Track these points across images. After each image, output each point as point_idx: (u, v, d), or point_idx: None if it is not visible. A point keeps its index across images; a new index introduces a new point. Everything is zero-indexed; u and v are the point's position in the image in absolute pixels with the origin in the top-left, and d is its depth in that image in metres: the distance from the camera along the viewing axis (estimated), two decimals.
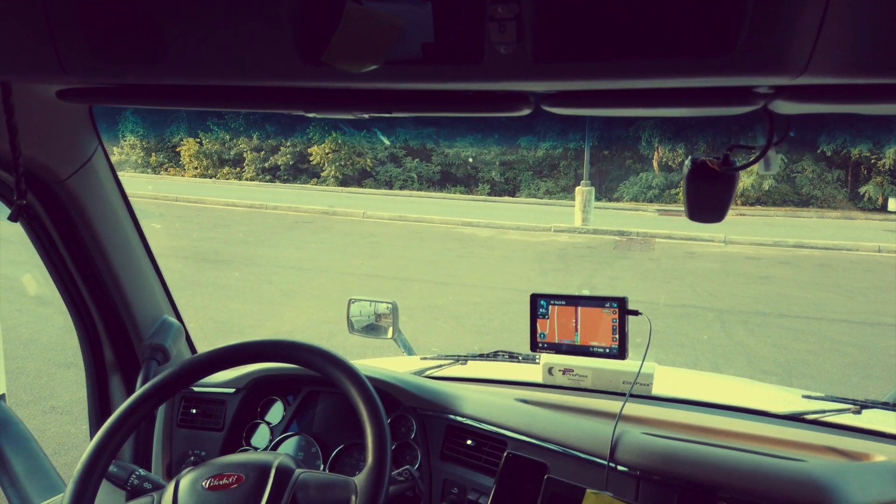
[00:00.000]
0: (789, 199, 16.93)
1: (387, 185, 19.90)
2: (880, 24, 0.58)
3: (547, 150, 17.61)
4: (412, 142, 17.37)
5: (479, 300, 7.66)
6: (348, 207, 15.32)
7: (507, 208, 16.99)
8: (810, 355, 5.83)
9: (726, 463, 1.15)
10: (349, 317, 2.36)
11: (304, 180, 20.39)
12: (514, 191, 19.83)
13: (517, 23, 0.65)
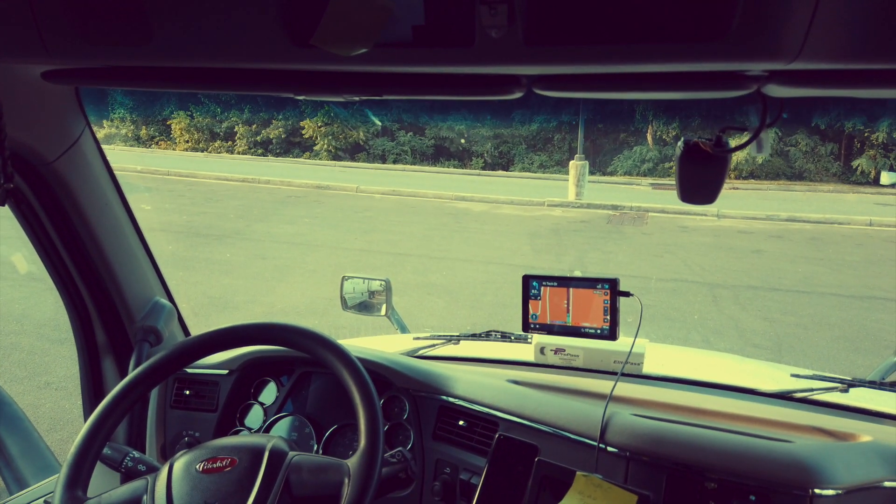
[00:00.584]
0: (782, 172, 16.94)
1: (380, 159, 19.78)
2: (874, 10, 0.57)
3: (541, 125, 17.52)
4: (406, 117, 17.28)
5: (473, 275, 7.67)
6: (341, 182, 15.24)
7: (500, 182, 16.94)
8: (800, 329, 5.89)
9: (714, 444, 1.17)
10: (342, 294, 2.36)
11: (296, 154, 20.24)
12: (507, 165, 19.74)
13: (508, 6, 0.64)
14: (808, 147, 16.65)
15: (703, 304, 6.64)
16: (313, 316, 5.97)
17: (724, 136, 0.99)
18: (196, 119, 20.01)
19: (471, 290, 7.02)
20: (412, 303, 6.45)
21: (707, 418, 1.33)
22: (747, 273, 7.97)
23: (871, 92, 0.74)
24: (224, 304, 6.37)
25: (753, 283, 7.44)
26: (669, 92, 0.80)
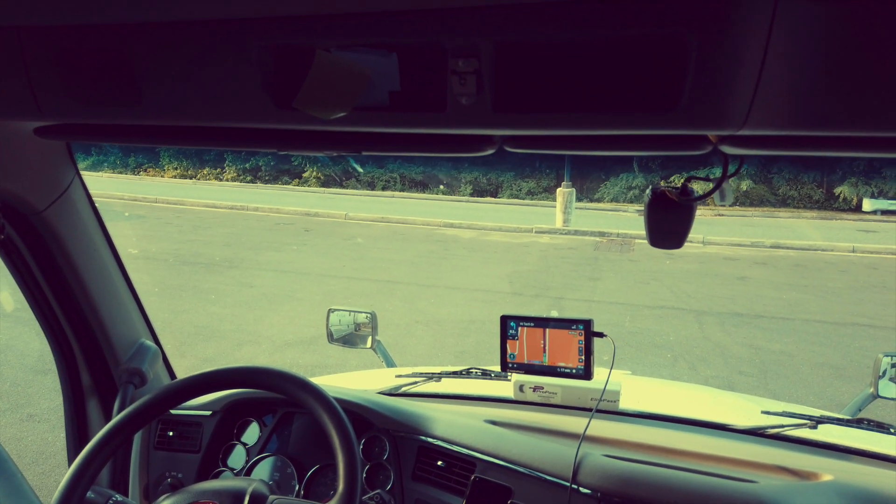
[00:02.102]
0: (767, 199, 17.17)
1: (369, 186, 19.87)
2: (810, 85, 0.62)
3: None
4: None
5: (461, 303, 7.69)
6: (330, 209, 15.28)
7: (489, 209, 17.04)
8: (785, 356, 5.93)
9: (682, 485, 1.20)
10: (328, 327, 2.39)
11: (285, 181, 20.29)
12: (496, 191, 19.88)
13: (476, 76, 0.68)
14: (790, 174, 16.91)
15: (689, 331, 6.68)
16: (301, 346, 5.95)
17: (690, 185, 1.04)
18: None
19: (459, 318, 7.03)
20: (400, 332, 6.45)
21: (678, 458, 1.35)
22: (733, 300, 8.04)
23: (817, 154, 0.79)
24: (210, 333, 6.34)
25: (739, 310, 7.51)
26: (634, 151, 0.84)
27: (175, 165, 20.76)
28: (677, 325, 6.90)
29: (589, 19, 0.62)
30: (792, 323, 7.05)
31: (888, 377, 1.94)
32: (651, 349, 6.07)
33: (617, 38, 0.64)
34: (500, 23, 0.65)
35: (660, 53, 0.63)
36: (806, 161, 16.46)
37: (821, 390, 5.12)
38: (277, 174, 20.45)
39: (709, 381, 5.31)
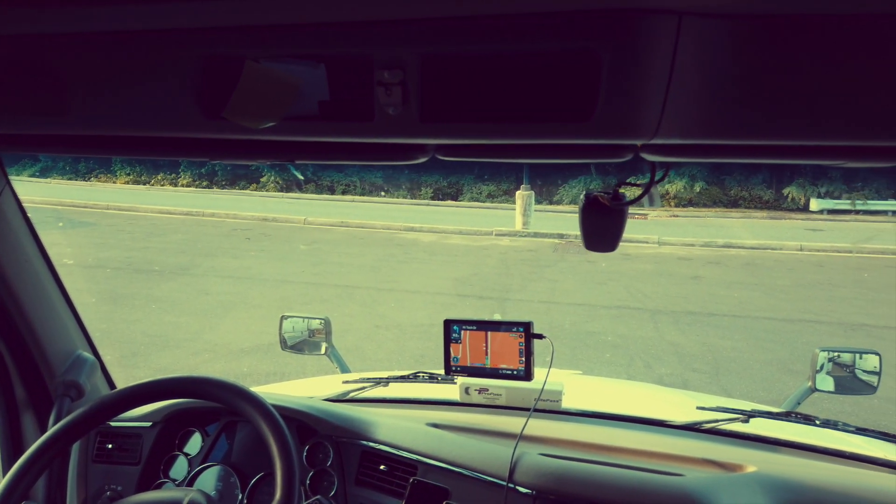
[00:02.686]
0: (719, 200, 17.66)
1: (328, 191, 19.72)
2: (717, 96, 0.65)
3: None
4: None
5: (422, 306, 7.70)
6: (289, 213, 15.12)
7: (450, 212, 17.11)
8: (736, 352, 6.10)
9: (613, 481, 1.24)
10: (281, 334, 2.37)
11: (242, 186, 20.00)
12: (456, 194, 19.96)
13: (402, 87, 0.70)
14: (741, 175, 17.43)
15: (645, 330, 6.81)
16: (258, 353, 5.87)
17: (621, 190, 1.07)
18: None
19: (419, 321, 7.04)
20: (360, 337, 6.42)
21: (614, 455, 1.39)
22: (687, 299, 8.23)
23: (731, 161, 0.82)
24: (165, 342, 6.20)
25: (692, 309, 7.69)
26: (561, 159, 0.86)
27: (127, 171, 20.27)
28: (633, 324, 7.04)
29: (509, 34, 0.64)
30: (743, 320, 7.26)
31: (825, 371, 2.02)
32: (608, 349, 6.18)
33: (536, 51, 0.66)
34: (425, 36, 0.66)
35: (575, 67, 0.66)
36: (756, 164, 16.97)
37: (769, 384, 5.28)
38: (234, 179, 20.15)
39: (663, 379, 5.43)
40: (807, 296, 8.55)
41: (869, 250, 11.82)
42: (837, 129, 0.66)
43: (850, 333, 6.79)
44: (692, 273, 9.96)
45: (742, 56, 0.62)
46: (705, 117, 0.67)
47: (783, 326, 7.02)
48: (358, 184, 19.77)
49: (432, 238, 13.14)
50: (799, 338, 6.57)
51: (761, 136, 0.68)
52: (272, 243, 12.04)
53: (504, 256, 11.33)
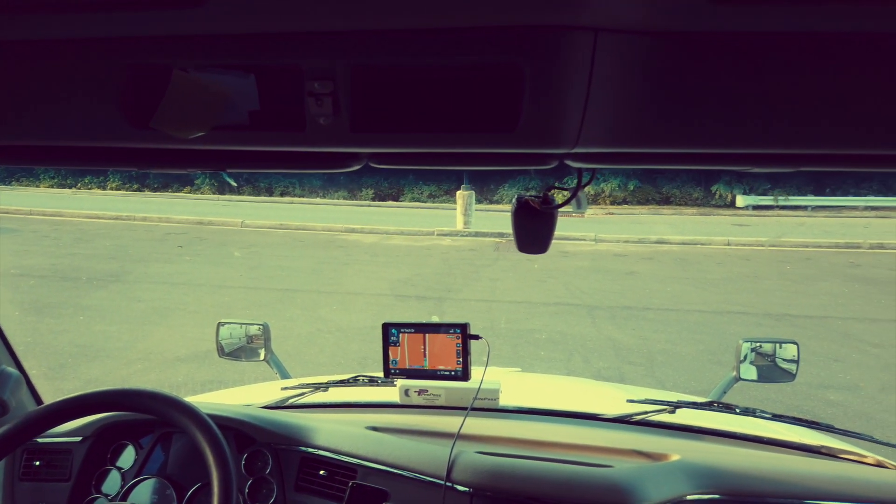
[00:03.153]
0: (652, 198, 18.26)
1: (267, 193, 19.33)
2: (634, 108, 0.69)
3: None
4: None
5: (364, 308, 7.66)
6: (225, 216, 14.76)
7: (391, 213, 17.06)
8: (670, 345, 6.34)
9: (545, 475, 1.28)
10: (218, 341, 2.32)
11: (176, 188, 19.38)
12: (398, 195, 19.92)
13: (333, 98, 0.71)
14: (672, 173, 18.08)
15: (583, 326, 6.99)
16: (195, 361, 5.71)
17: (551, 194, 1.11)
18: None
19: (362, 323, 7.00)
20: (301, 341, 6.33)
21: (548, 449, 1.44)
22: (622, 294, 8.49)
23: (652, 167, 0.87)
24: (96, 352, 5.96)
25: (628, 304, 7.94)
26: (489, 166, 0.89)
27: (52, 175, 19.32)
28: (572, 320, 7.21)
29: (436, 47, 0.66)
30: (676, 314, 7.54)
31: (748, 361, 2.13)
32: (548, 345, 6.30)
33: (462, 64, 0.68)
34: (356, 48, 0.67)
35: (500, 80, 0.68)
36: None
37: (700, 375, 5.51)
38: (167, 182, 19.50)
39: (601, 373, 5.58)
40: (735, 288, 8.95)
41: (791, 244, 12.46)
42: (746, 138, 0.71)
43: (775, 323, 7.15)
44: (627, 269, 10.27)
45: (657, 70, 0.66)
46: (624, 127, 0.71)
47: (713, 318, 7.33)
48: (297, 185, 19.46)
49: (374, 239, 13.08)
50: (728, 329, 6.88)
51: (677, 144, 0.73)
52: (208, 247, 11.72)
53: (446, 256, 11.40)
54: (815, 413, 4.70)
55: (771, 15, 0.60)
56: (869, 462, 1.54)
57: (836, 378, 5.40)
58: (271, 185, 19.19)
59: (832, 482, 1.32)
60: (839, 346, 6.27)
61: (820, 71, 0.64)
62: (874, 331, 6.76)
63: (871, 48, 0.62)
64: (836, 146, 0.71)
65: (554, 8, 0.60)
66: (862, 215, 16.37)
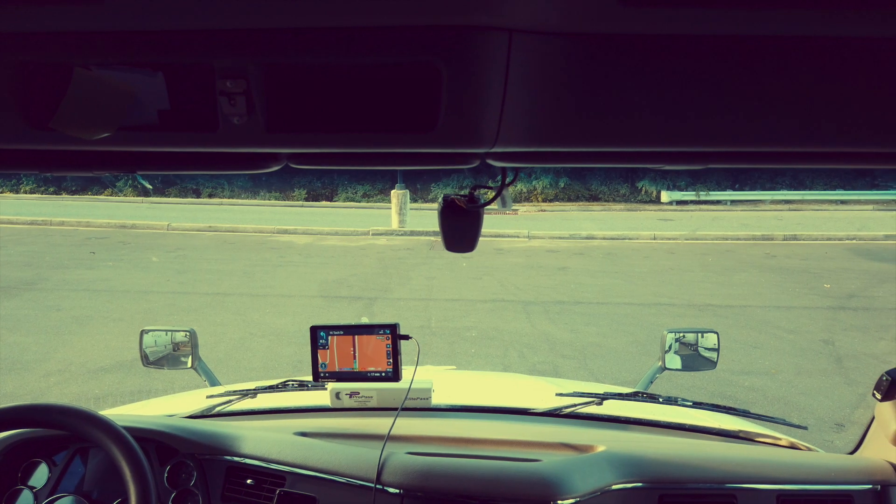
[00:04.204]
0: (582, 195, 18.74)
1: (194, 194, 18.70)
2: (550, 107, 0.71)
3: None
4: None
5: (298, 311, 7.53)
6: (150, 219, 14.20)
7: (325, 213, 16.84)
8: (601, 337, 6.52)
9: (474, 472, 1.30)
10: (142, 349, 2.24)
11: (96, 191, 18.48)
12: (331, 195, 19.67)
13: (246, 97, 0.69)
14: (601, 171, 18.60)
15: (518, 321, 7.10)
16: (120, 370, 5.48)
17: (477, 193, 1.12)
18: None
19: (296, 326, 6.88)
20: (233, 346, 6.17)
21: (477, 447, 1.46)
22: (555, 289, 8.67)
23: (572, 165, 0.89)
24: (10, 365, 5.62)
25: (561, 299, 8.12)
26: (412, 166, 0.89)
27: None
28: (507, 316, 7.31)
29: (353, 46, 0.65)
30: (606, 307, 7.76)
31: (673, 351, 2.21)
32: (484, 341, 6.37)
33: (379, 63, 0.68)
34: (269, 46, 0.66)
35: (418, 80, 0.68)
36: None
37: (631, 366, 5.69)
38: (86, 184, 18.57)
39: (536, 367, 5.69)
40: (661, 281, 9.29)
41: (712, 236, 13.04)
42: (658, 136, 0.73)
43: (699, 313, 7.47)
44: (560, 264, 10.50)
45: (571, 71, 0.68)
46: (541, 127, 0.72)
47: (641, 310, 7.59)
48: (226, 186, 18.92)
49: (308, 240, 12.88)
50: (656, 320, 7.13)
51: (595, 143, 0.75)
52: (132, 252, 11.26)
53: (381, 256, 11.34)
54: (737, 398, 4.94)
55: (679, 18, 0.62)
56: (783, 444, 1.63)
57: (756, 364, 5.68)
58: (199, 186, 18.57)
59: (749, 465, 1.39)
60: (758, 333, 6.61)
61: (726, 71, 0.67)
62: (789, 317, 7.16)
63: (776, 49, 0.66)
64: (743, 144, 0.74)
65: (468, 9, 0.60)
66: (776, 208, 17.30)
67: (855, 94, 0.68)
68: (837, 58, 0.66)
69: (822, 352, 6.03)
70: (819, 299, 8.03)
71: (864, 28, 0.63)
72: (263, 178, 19.04)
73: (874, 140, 0.72)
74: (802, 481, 1.35)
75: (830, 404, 4.82)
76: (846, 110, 0.69)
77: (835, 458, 1.47)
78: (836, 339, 6.39)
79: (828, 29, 0.63)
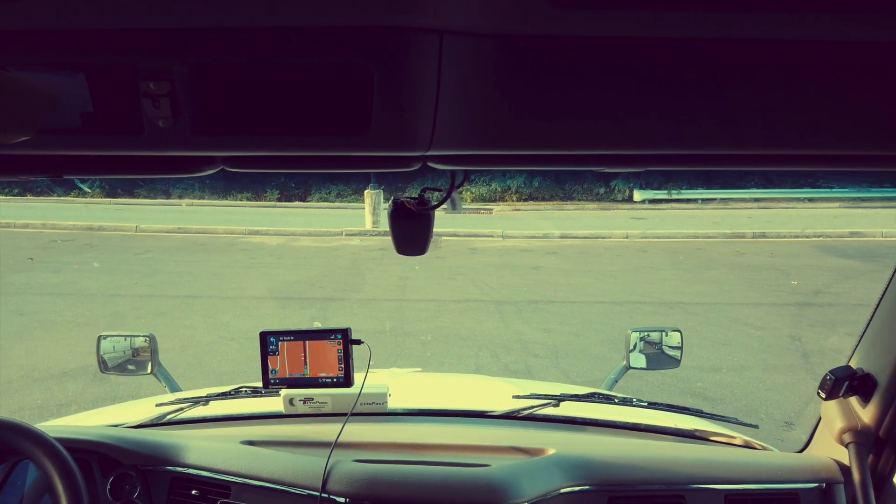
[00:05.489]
0: (556, 194, 18.86)
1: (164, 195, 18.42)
2: (484, 111, 0.69)
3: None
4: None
5: (270, 313, 7.45)
6: (118, 221, 13.96)
7: (298, 214, 16.70)
8: (573, 336, 6.55)
9: (421, 479, 1.29)
10: (100, 355, 2.19)
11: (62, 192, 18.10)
12: (305, 195, 19.52)
13: (171, 99, 0.66)
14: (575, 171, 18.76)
15: (491, 321, 7.10)
16: (85, 376, 5.36)
17: (427, 196, 1.10)
18: None
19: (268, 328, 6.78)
20: (202, 350, 6.08)
21: (429, 452, 1.45)
22: (528, 289, 8.70)
23: (511, 168, 0.88)
24: None
25: (534, 298, 8.14)
26: (353, 169, 0.87)
27: None
28: (480, 316, 7.31)
29: (281, 46, 0.63)
30: (578, 306, 7.80)
31: (638, 350, 2.22)
32: (457, 341, 6.36)
33: (309, 65, 0.66)
34: (193, 46, 0.63)
35: (349, 82, 0.66)
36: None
37: (602, 364, 5.72)
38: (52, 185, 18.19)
39: (508, 367, 5.69)
40: (633, 279, 9.38)
41: (683, 235, 13.20)
42: (594, 139, 0.72)
43: (669, 311, 7.55)
44: (533, 264, 10.54)
45: (505, 73, 0.66)
46: (478, 130, 0.71)
47: (613, 309, 7.65)
48: (197, 187, 18.67)
49: (280, 241, 12.76)
50: (627, 318, 7.19)
51: (533, 146, 0.74)
52: (99, 254, 11.04)
53: (355, 256, 11.28)
54: (705, 395, 5.00)
55: (610, 20, 0.61)
56: (737, 443, 1.64)
57: (725, 360, 5.76)
58: (168, 187, 18.29)
59: (699, 465, 1.40)
60: (727, 330, 6.70)
61: (659, 72, 0.66)
62: (757, 314, 7.28)
63: (705, 51, 0.65)
64: (680, 146, 0.74)
65: (397, 9, 0.59)
66: (746, 206, 17.60)
67: (786, 96, 0.68)
68: (768, 60, 0.65)
69: (790, 348, 6.13)
70: (786, 296, 8.17)
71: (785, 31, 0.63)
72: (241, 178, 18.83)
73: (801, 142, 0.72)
74: (751, 480, 1.36)
75: (797, 399, 4.90)
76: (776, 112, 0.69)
77: (783, 457, 1.49)
78: (802, 334, 6.51)
79: (756, 31, 0.63)
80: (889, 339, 1.24)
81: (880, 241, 12.38)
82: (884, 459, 1.33)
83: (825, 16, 0.59)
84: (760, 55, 0.65)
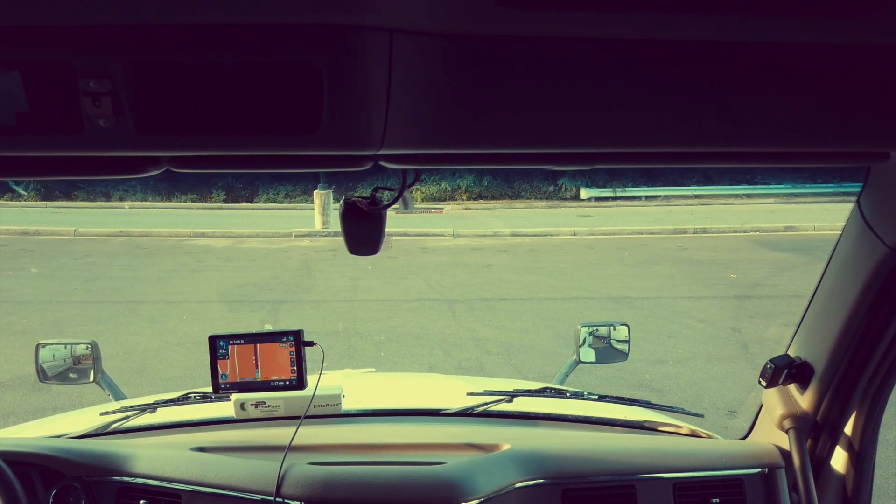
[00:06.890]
0: (505, 193, 19.04)
1: (104, 197, 17.76)
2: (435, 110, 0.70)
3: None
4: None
5: (217, 317, 7.29)
6: (55, 225, 13.39)
7: (245, 215, 16.37)
8: (524, 333, 6.64)
9: (377, 479, 1.30)
10: (39, 364, 2.10)
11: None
12: (252, 196, 19.13)
13: (112, 98, 0.65)
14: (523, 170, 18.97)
15: (443, 319, 7.13)
16: (23, 386, 5.13)
17: (378, 195, 1.10)
18: None
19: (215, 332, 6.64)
20: (148, 356, 5.90)
21: (384, 452, 1.46)
22: (480, 287, 8.76)
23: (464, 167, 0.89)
24: None
25: (486, 296, 8.21)
26: (303, 168, 0.87)
27: None
28: (433, 315, 7.33)
29: (226, 44, 0.63)
30: (529, 303, 7.91)
31: (587, 344, 2.27)
32: (410, 340, 6.36)
33: (257, 63, 0.65)
34: (135, 43, 0.62)
35: (298, 80, 0.66)
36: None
37: (553, 359, 5.82)
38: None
39: (461, 365, 5.73)
40: (581, 275, 9.56)
41: (628, 231, 13.51)
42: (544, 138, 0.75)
43: (616, 306, 7.73)
44: (484, 262, 10.62)
45: (455, 72, 0.68)
46: (429, 128, 0.72)
47: (562, 305, 7.79)
48: (138, 189, 18.08)
49: (227, 243, 12.48)
50: (576, 314, 7.33)
51: (485, 145, 0.75)
52: (36, 259, 10.58)
53: (305, 257, 11.14)
54: (653, 386, 5.14)
55: (558, 21, 0.63)
56: (684, 432, 1.71)
57: (671, 352, 5.94)
58: (108, 189, 17.64)
59: (648, 455, 1.45)
60: (671, 323, 6.90)
61: (606, 72, 0.69)
62: (700, 307, 7.52)
63: (651, 51, 0.68)
64: (628, 144, 0.77)
65: (346, 8, 0.59)
66: (688, 203, 18.14)
67: (725, 95, 0.71)
68: (703, 58, 0.68)
69: (731, 339, 6.36)
70: (727, 289, 8.47)
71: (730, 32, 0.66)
72: (186, 178, 18.32)
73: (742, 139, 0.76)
74: (697, 468, 1.42)
75: (739, 388, 5.09)
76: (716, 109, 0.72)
77: (728, 444, 1.55)
78: (742, 326, 6.76)
79: (699, 33, 0.66)
80: (824, 327, 1.30)
81: (813, 234, 12.94)
82: (821, 443, 1.40)
83: (750, 19, 0.63)
84: (696, 54, 0.68)
